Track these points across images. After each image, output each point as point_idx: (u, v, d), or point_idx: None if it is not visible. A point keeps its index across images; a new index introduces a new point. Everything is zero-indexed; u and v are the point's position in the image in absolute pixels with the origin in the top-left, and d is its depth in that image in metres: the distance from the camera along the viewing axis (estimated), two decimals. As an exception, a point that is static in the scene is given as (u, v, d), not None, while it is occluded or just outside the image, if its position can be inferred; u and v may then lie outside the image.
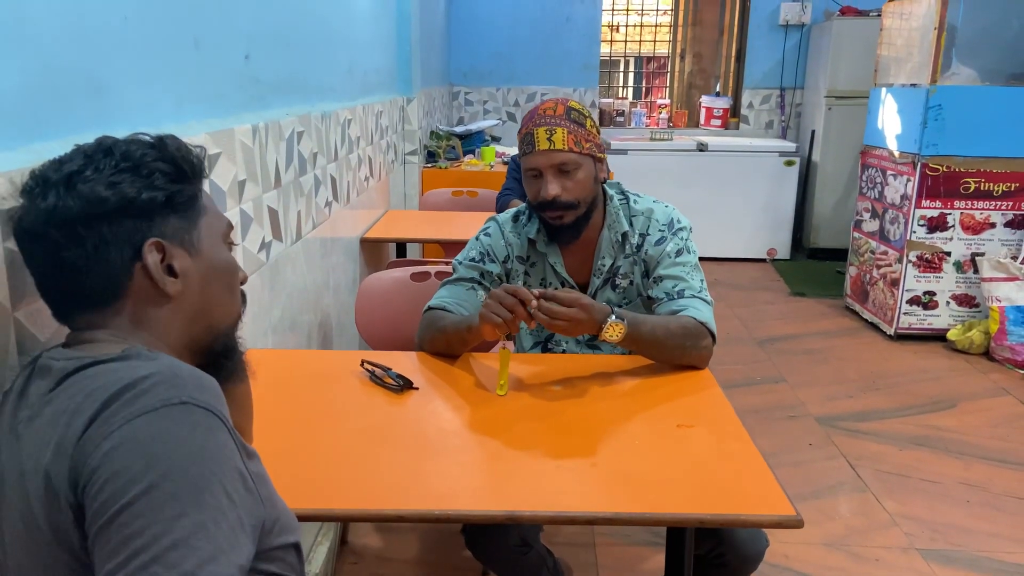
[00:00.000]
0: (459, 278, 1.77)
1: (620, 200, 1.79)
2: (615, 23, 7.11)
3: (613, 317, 1.54)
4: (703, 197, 5.87)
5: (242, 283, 0.99)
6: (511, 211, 1.85)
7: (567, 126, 1.64)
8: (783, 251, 6.06)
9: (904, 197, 4.20)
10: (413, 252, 3.61)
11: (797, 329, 4.55)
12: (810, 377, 3.81)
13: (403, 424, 1.41)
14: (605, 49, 6.90)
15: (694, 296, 1.69)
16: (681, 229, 1.77)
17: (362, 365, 1.59)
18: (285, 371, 1.64)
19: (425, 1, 4.60)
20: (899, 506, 2.67)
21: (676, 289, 1.70)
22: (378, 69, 3.27)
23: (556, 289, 1.72)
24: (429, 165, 4.29)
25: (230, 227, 0.98)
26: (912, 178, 4.11)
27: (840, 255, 5.40)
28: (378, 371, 1.56)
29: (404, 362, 1.66)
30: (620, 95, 7.22)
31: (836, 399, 3.56)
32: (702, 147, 5.94)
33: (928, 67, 3.98)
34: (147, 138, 0.90)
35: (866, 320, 4.61)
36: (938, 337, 4.24)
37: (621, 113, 6.75)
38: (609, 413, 1.46)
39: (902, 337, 4.29)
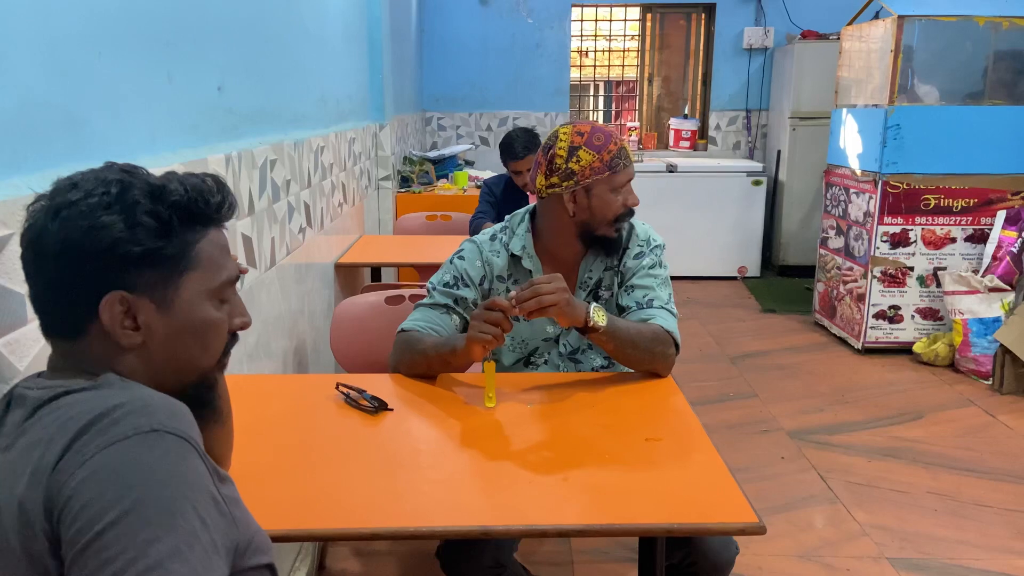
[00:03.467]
0: (434, 303, 1.81)
1: None
2: (584, 48, 7.22)
3: (594, 305, 1.63)
4: (674, 217, 5.96)
5: (242, 328, 0.97)
6: (488, 231, 1.89)
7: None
8: (753, 269, 6.16)
9: (867, 214, 4.31)
10: (388, 276, 3.64)
11: (768, 345, 4.62)
12: (781, 392, 3.88)
13: (378, 444, 1.43)
14: (575, 74, 7.01)
15: (662, 307, 1.76)
16: (657, 246, 1.86)
17: (337, 388, 1.62)
18: (261, 396, 1.66)
19: (397, 29, 4.67)
20: (869, 516, 2.72)
21: (646, 299, 1.77)
22: (350, 97, 3.32)
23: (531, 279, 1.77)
24: (403, 190, 4.33)
25: (230, 282, 0.94)
26: (874, 195, 4.22)
27: (808, 272, 5.51)
28: (353, 393, 1.58)
29: (379, 384, 1.68)
30: (591, 119, 7.32)
31: (807, 413, 3.62)
32: (671, 168, 6.05)
33: (886, 88, 4.10)
34: (152, 180, 0.87)
35: (835, 335, 4.70)
36: (904, 350, 4.33)
37: (592, 136, 6.83)
38: (581, 427, 1.50)
39: (870, 351, 4.38)
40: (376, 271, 3.18)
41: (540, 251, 1.83)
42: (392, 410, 1.55)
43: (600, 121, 7.36)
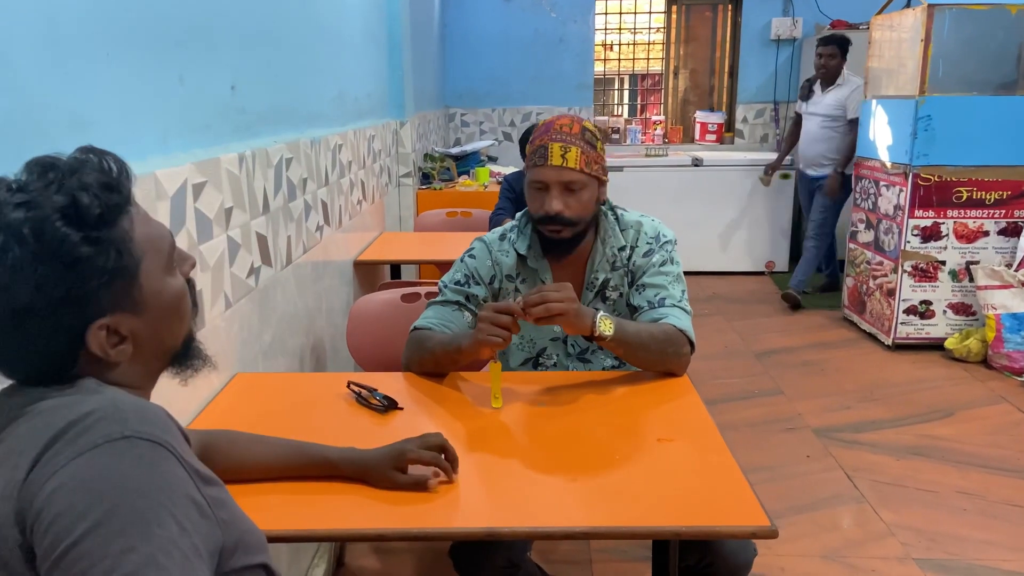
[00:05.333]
0: (445, 300, 1.80)
1: (611, 215, 1.83)
2: (608, 42, 7.17)
3: (601, 313, 1.59)
4: (700, 212, 5.90)
5: (192, 268, 0.95)
6: (498, 230, 1.88)
7: (581, 146, 1.68)
8: (781, 263, 6.08)
9: (897, 207, 4.23)
10: (409, 273, 3.65)
11: (795, 341, 4.56)
12: (808, 389, 3.82)
13: (385, 444, 1.42)
14: (599, 68, 6.96)
15: (675, 305, 1.72)
16: (667, 242, 1.81)
17: (348, 387, 1.61)
18: (272, 394, 1.67)
19: (418, 26, 4.67)
20: (896, 516, 2.67)
21: (658, 298, 1.73)
22: (370, 95, 3.32)
23: (541, 286, 1.75)
24: (424, 187, 4.33)
25: (172, 247, 0.90)
26: (904, 188, 4.13)
27: (841, 266, 5.42)
28: (364, 392, 1.58)
29: (390, 383, 1.68)
30: (615, 113, 7.27)
31: (833, 411, 3.56)
32: (697, 162, 5.98)
33: (916, 79, 4.01)
34: (58, 199, 0.77)
35: (864, 331, 4.62)
36: (936, 346, 4.24)
37: (616, 131, 6.80)
38: (592, 428, 1.48)
39: (900, 347, 4.30)
40: (395, 268, 3.18)
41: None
42: (402, 409, 1.55)
43: (625, 115, 7.31)
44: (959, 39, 4.03)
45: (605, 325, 1.57)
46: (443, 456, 1.28)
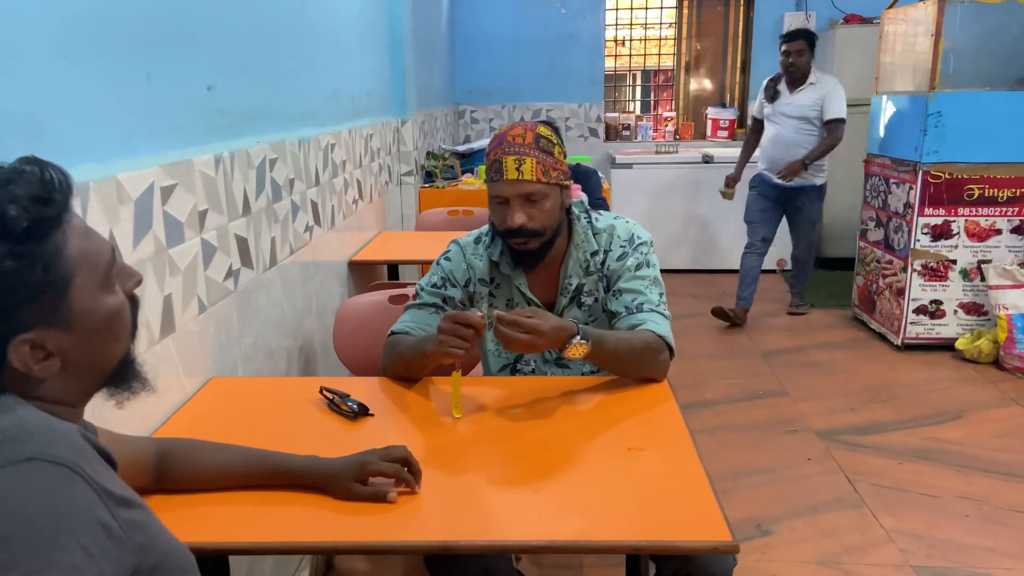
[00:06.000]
0: (422, 303, 1.78)
1: (585, 219, 1.79)
2: (620, 37, 7.12)
3: (577, 338, 1.54)
4: (710, 208, 5.83)
5: (137, 287, 0.93)
6: (474, 232, 1.85)
7: (536, 155, 1.64)
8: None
9: (907, 205, 4.15)
10: (411, 273, 3.63)
11: (803, 341, 4.49)
12: (813, 390, 3.76)
13: (352, 451, 1.40)
14: (611, 64, 6.91)
15: (652, 310, 1.69)
16: (642, 244, 1.77)
17: (321, 392, 1.60)
18: (246, 399, 1.65)
19: (424, 23, 4.64)
20: (896, 522, 2.62)
21: (635, 303, 1.70)
22: (368, 93, 3.30)
23: (522, 308, 1.72)
24: (426, 185, 4.31)
25: (111, 261, 0.88)
26: (914, 186, 4.06)
27: (852, 265, 5.33)
28: (335, 398, 1.56)
29: (365, 388, 1.66)
30: (628, 109, 7.21)
31: (838, 412, 3.51)
32: (708, 159, 5.91)
33: (927, 74, 3.94)
34: None
35: (874, 331, 4.55)
36: (947, 347, 4.17)
37: (627, 127, 6.74)
38: (563, 437, 1.45)
39: (909, 347, 4.22)
40: (393, 268, 3.16)
41: None
42: (373, 416, 1.53)
43: (637, 111, 7.25)
44: (971, 33, 3.95)
45: (576, 351, 1.54)
46: (406, 468, 1.25)
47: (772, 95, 4.65)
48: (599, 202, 3.60)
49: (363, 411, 1.52)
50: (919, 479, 2.89)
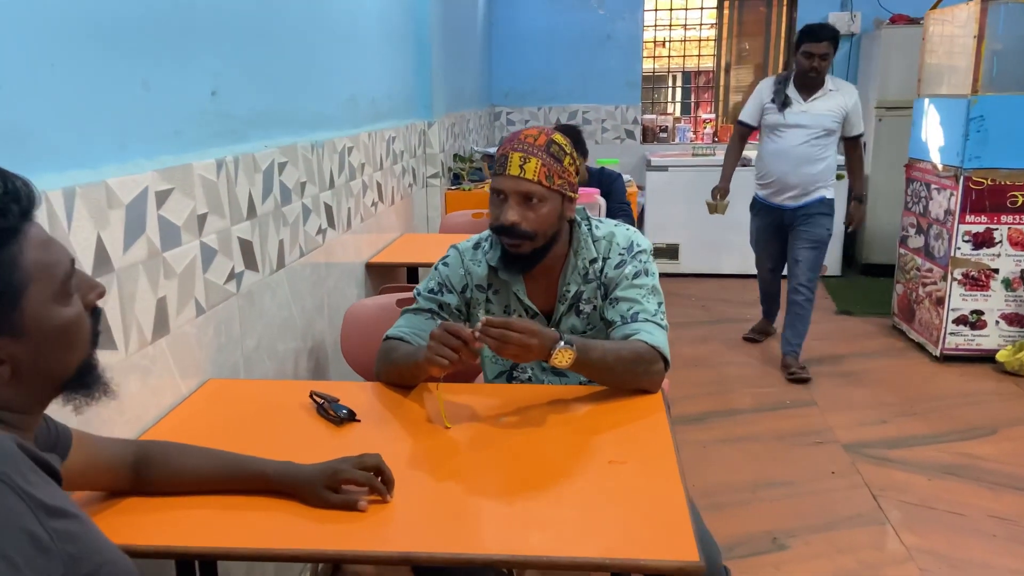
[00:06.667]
0: (419, 308, 1.78)
1: (585, 226, 1.77)
2: (661, 39, 7.04)
3: (562, 344, 1.52)
4: (746, 212, 5.72)
5: (99, 299, 0.94)
6: (473, 238, 1.84)
7: (543, 158, 1.62)
8: (833, 267, 5.86)
9: (948, 212, 4.02)
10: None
11: (838, 350, 4.38)
12: (843, 401, 3.66)
13: (332, 457, 1.40)
14: (651, 65, 6.84)
15: (648, 320, 1.65)
16: (641, 252, 1.74)
17: (311, 396, 1.60)
18: (238, 401, 1.66)
19: (455, 26, 4.65)
20: (919, 539, 2.53)
21: (631, 312, 1.67)
22: (390, 96, 3.32)
23: (519, 317, 1.71)
24: (453, 187, 4.31)
25: (68, 273, 0.89)
26: (955, 192, 3.93)
27: (892, 272, 5.19)
28: (324, 403, 1.56)
29: (356, 393, 1.66)
30: (667, 110, 7.13)
31: (867, 424, 3.41)
32: (745, 162, 5.79)
33: (969, 77, 3.80)
34: None
35: (912, 340, 4.42)
36: (987, 359, 4.02)
37: (664, 129, 6.67)
38: (547, 447, 1.43)
39: (948, 358, 4.09)
40: (413, 270, 3.17)
41: None
42: (359, 421, 1.53)
43: (677, 112, 7.17)
44: (1015, 35, 3.80)
45: (562, 358, 1.51)
46: (379, 477, 1.25)
47: (784, 100, 3.91)
48: (623, 206, 3.55)
49: (350, 417, 1.52)
50: (947, 496, 2.80)
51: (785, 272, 4.18)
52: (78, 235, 1.30)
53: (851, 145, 4.00)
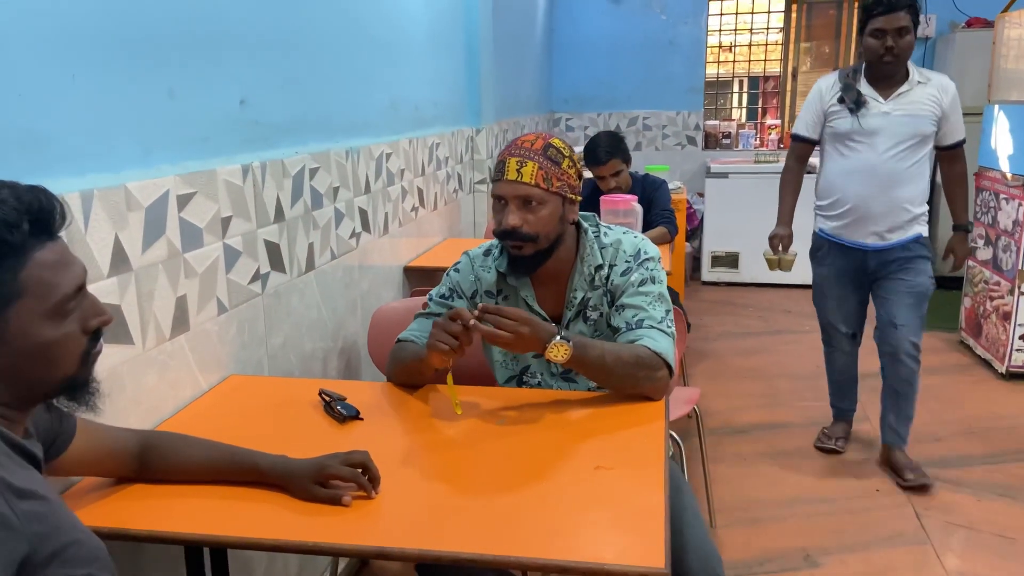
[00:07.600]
0: (430, 313, 1.81)
1: (592, 233, 1.78)
2: (726, 43, 6.93)
3: (558, 337, 1.54)
4: (811, 222, 5.58)
5: (101, 326, 0.99)
6: (484, 245, 1.87)
7: (540, 161, 1.64)
8: (900, 279, 5.64)
9: (1016, 223, 3.85)
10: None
11: (897, 364, 4.22)
12: (896, 417, 3.53)
13: (331, 452, 1.44)
14: (716, 70, 6.74)
15: (653, 327, 1.65)
16: (648, 259, 1.73)
17: (319, 394, 1.65)
18: (253, 397, 1.73)
19: (511, 33, 4.69)
20: (961, 563, 2.44)
21: (636, 319, 1.67)
22: (436, 103, 3.37)
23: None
24: (503, 193, 4.35)
25: (69, 296, 0.94)
26: None
27: (961, 284, 4.99)
28: (331, 401, 1.62)
29: (364, 392, 1.71)
30: (732, 116, 7.02)
31: (920, 442, 3.27)
32: (811, 169, 5.65)
33: (1040, 81, 3.63)
34: None
35: (979, 356, 4.23)
36: (1057, 377, 3.83)
37: (727, 135, 6.57)
38: (539, 450, 1.45)
39: (1015, 376, 3.91)
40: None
41: None
42: (362, 420, 1.57)
43: (743, 118, 7.04)
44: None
45: (557, 351, 1.53)
46: (365, 474, 1.29)
47: (857, 98, 2.87)
48: (666, 213, 3.51)
49: (353, 414, 1.57)
50: (996, 519, 2.68)
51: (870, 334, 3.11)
52: (94, 235, 1.37)
53: (949, 156, 2.97)
